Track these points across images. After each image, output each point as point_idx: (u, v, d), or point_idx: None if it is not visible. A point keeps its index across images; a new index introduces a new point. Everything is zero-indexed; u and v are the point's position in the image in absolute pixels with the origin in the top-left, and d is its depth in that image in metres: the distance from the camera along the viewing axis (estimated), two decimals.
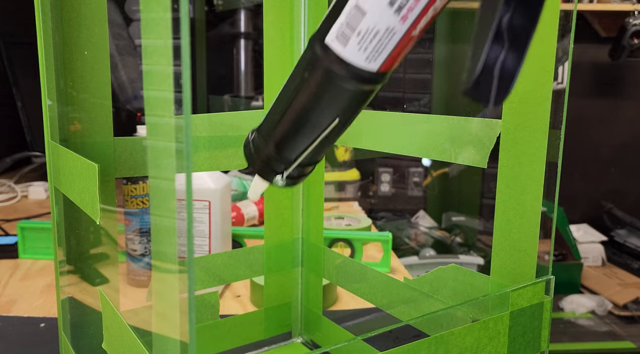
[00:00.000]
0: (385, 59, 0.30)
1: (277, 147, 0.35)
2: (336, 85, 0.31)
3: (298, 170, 0.35)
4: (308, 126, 0.33)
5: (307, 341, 0.61)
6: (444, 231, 2.00)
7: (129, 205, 0.73)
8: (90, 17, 0.43)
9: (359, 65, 0.30)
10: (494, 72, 0.23)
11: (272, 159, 0.35)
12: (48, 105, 0.42)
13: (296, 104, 0.33)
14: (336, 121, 0.33)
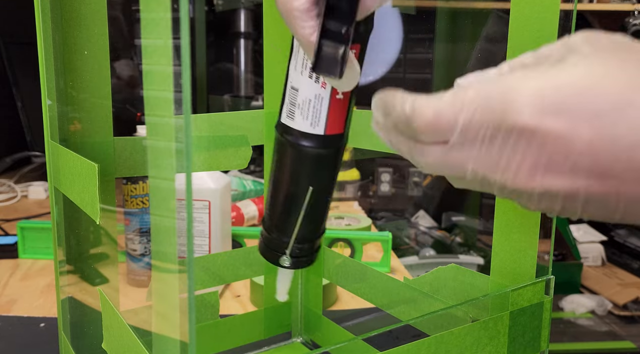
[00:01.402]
0: (326, 122, 0.35)
1: (273, 229, 0.39)
2: (296, 154, 0.36)
3: (299, 248, 0.38)
4: (289, 202, 0.37)
5: (307, 341, 0.61)
6: (444, 231, 2.00)
7: (128, 205, 0.73)
8: (90, 16, 0.43)
9: (307, 131, 0.35)
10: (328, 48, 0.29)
11: (272, 241, 0.39)
12: (48, 105, 0.42)
13: (275, 184, 0.38)
14: (310, 190, 0.36)
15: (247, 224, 1.05)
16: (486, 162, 0.26)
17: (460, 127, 0.25)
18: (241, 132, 0.53)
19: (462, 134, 0.26)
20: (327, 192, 0.38)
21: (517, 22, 0.38)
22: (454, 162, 0.27)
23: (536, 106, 0.24)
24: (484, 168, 0.26)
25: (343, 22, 0.30)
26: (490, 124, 0.25)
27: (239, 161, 0.53)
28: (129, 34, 1.36)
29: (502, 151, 0.25)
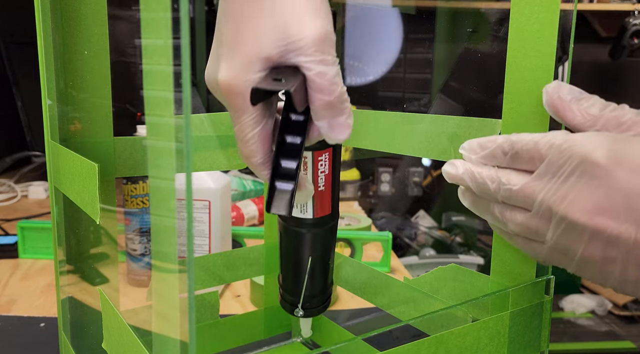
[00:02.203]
0: (313, 208, 0.42)
1: (285, 288, 0.47)
2: (293, 234, 0.44)
3: (308, 302, 0.46)
4: (294, 269, 0.45)
5: (307, 341, 0.61)
6: (444, 230, 2.00)
7: (128, 205, 0.73)
8: (90, 16, 0.43)
9: (298, 216, 0.43)
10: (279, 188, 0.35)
11: (286, 297, 0.47)
12: (48, 105, 0.42)
13: (282, 254, 0.46)
14: (309, 259, 0.44)
15: (247, 224, 1.05)
16: (557, 193, 0.30)
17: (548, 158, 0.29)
18: None
19: (548, 165, 0.30)
20: (326, 258, 0.46)
21: (517, 22, 0.38)
22: (529, 191, 0.31)
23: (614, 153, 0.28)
24: (552, 199, 0.30)
25: (291, 162, 0.35)
26: (575, 161, 0.29)
27: (239, 161, 0.53)
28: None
29: (575, 186, 0.29)
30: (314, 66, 0.32)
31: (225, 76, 0.33)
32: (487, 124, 0.41)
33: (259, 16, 0.33)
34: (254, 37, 0.33)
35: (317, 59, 0.32)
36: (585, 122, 0.32)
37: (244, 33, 0.33)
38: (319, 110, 0.34)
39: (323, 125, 0.35)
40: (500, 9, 1.67)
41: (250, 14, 0.33)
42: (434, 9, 1.86)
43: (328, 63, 0.33)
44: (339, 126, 0.35)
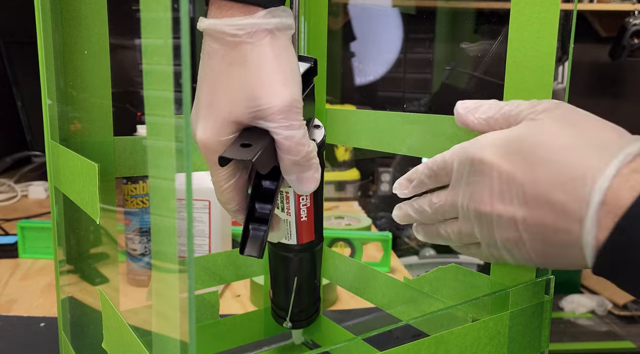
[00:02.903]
0: (297, 235, 0.45)
1: (275, 303, 0.51)
2: (280, 258, 0.47)
3: (296, 316, 0.51)
4: (282, 287, 0.49)
5: (307, 341, 0.61)
6: None
7: (128, 205, 0.73)
8: (91, 16, 0.43)
9: (284, 242, 0.46)
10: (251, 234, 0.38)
11: (276, 310, 0.51)
12: (48, 104, 0.42)
13: (271, 274, 0.50)
14: (295, 279, 0.48)
15: None
16: (466, 194, 0.35)
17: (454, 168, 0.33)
18: None
19: (456, 173, 0.36)
20: (312, 278, 0.50)
21: (517, 22, 0.38)
22: (451, 201, 0.36)
23: (495, 148, 0.34)
24: (465, 201, 0.35)
25: (265, 206, 0.38)
26: (469, 164, 0.35)
27: None
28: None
29: (476, 184, 0.34)
30: (282, 131, 0.35)
31: (201, 135, 0.36)
32: None
33: (232, 83, 0.35)
34: (226, 103, 0.35)
35: (284, 125, 0.35)
36: (483, 127, 0.37)
37: (218, 98, 0.36)
38: (287, 167, 0.37)
39: (292, 179, 0.37)
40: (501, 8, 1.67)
41: (223, 80, 0.35)
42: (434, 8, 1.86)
43: (294, 128, 0.35)
44: (307, 180, 0.37)
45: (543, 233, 0.32)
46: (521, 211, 0.32)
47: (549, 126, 0.33)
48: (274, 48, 0.35)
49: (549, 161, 0.31)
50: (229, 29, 0.34)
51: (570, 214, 0.30)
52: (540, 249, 0.33)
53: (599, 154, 0.30)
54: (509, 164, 0.33)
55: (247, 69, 0.35)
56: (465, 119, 0.38)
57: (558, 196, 0.30)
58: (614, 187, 0.29)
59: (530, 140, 0.32)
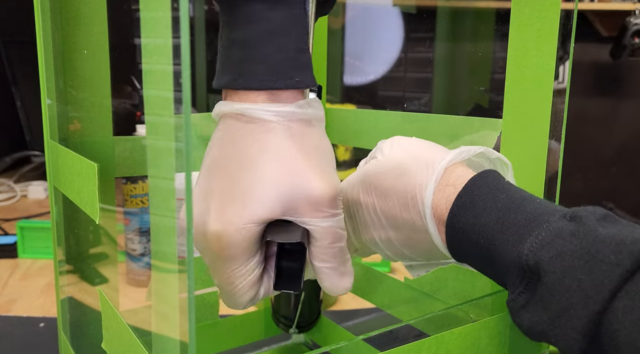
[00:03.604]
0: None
1: (281, 314, 0.54)
2: None
3: (301, 324, 0.53)
4: (289, 300, 0.52)
5: (307, 341, 0.61)
6: None
7: (128, 204, 0.73)
8: (90, 16, 0.43)
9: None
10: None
11: (280, 319, 0.54)
12: (47, 104, 0.42)
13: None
14: (303, 294, 0.51)
15: None
16: (351, 227, 0.40)
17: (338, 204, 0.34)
18: None
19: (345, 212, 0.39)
20: (318, 289, 0.52)
21: (518, 21, 0.38)
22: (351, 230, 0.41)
23: (359, 185, 0.38)
24: (352, 231, 0.40)
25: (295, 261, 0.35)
26: (346, 203, 0.39)
27: None
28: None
29: (358, 218, 0.39)
30: (326, 221, 0.33)
31: (221, 228, 0.32)
32: (488, 124, 0.41)
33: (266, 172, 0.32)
34: (257, 193, 0.31)
35: (329, 214, 0.33)
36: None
37: (243, 187, 0.32)
38: (323, 257, 0.34)
39: (325, 271, 0.34)
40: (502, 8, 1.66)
41: (252, 165, 0.32)
42: (434, 8, 1.86)
43: (339, 215, 0.34)
44: (343, 273, 0.35)
45: (413, 245, 0.37)
46: (392, 233, 0.37)
47: (390, 158, 0.38)
48: (313, 135, 0.33)
49: (392, 187, 0.36)
50: (265, 114, 0.32)
51: (420, 228, 0.35)
52: (419, 254, 0.38)
53: (425, 173, 0.35)
54: (370, 198, 0.38)
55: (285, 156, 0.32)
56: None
57: (407, 216, 0.36)
58: (435, 201, 0.34)
59: (377, 173, 0.37)
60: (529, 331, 0.30)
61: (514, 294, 0.30)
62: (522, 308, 0.30)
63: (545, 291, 0.29)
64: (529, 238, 0.30)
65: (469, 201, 0.33)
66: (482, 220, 0.32)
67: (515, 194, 0.33)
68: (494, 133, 0.40)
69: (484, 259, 0.33)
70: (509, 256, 0.30)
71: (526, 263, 0.29)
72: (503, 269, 0.31)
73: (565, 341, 0.28)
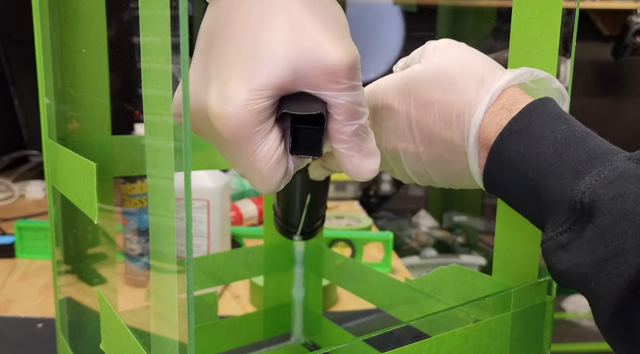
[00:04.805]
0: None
1: (284, 218, 0.52)
2: (294, 177, 0.42)
3: (306, 229, 0.52)
4: (294, 204, 0.51)
5: (307, 342, 0.61)
6: (446, 230, 2.00)
7: (127, 204, 0.73)
8: (88, 15, 0.43)
9: None
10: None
11: (285, 226, 0.52)
12: (46, 103, 0.42)
13: (282, 195, 0.51)
14: (309, 196, 0.50)
15: (246, 224, 1.05)
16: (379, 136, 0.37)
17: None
18: None
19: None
20: (323, 193, 0.51)
21: (519, 20, 0.38)
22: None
23: (396, 91, 0.36)
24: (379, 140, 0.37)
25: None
26: (375, 108, 0.37)
27: None
28: None
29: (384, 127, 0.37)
30: (345, 94, 0.28)
31: (225, 107, 0.27)
32: None
33: (270, 38, 0.27)
34: (262, 62, 0.27)
35: (348, 86, 0.28)
36: None
37: (246, 57, 0.27)
38: (344, 137, 0.30)
39: (348, 152, 0.30)
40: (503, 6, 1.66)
41: (254, 35, 0.27)
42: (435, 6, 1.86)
43: (359, 88, 0.29)
44: (370, 153, 0.31)
45: (442, 165, 0.35)
46: (422, 148, 0.35)
47: (436, 67, 0.35)
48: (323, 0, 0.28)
49: (437, 101, 0.34)
50: None
51: (458, 148, 0.33)
52: (442, 177, 0.37)
53: (477, 90, 0.33)
54: (406, 107, 0.35)
55: (293, 17, 0.27)
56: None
57: (447, 133, 0.34)
58: (484, 124, 0.32)
59: (420, 82, 0.35)
60: (564, 273, 0.28)
61: (554, 232, 0.29)
62: (560, 248, 0.28)
63: (596, 233, 0.27)
64: (588, 175, 0.28)
65: (524, 127, 0.31)
66: (536, 149, 0.30)
67: (577, 127, 0.31)
68: None
69: (526, 193, 0.31)
70: (561, 191, 0.28)
71: (580, 201, 0.27)
72: (548, 205, 0.29)
73: (607, 288, 0.26)
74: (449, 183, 0.37)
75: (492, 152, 0.32)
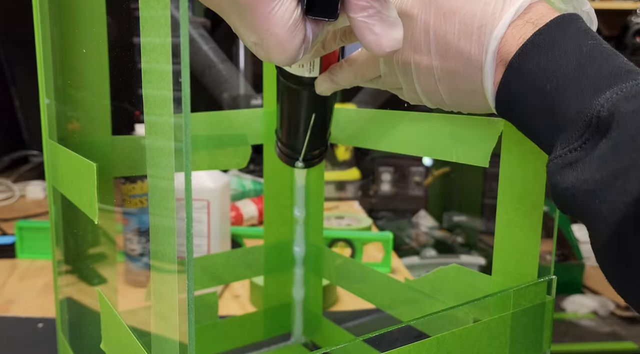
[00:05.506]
0: (320, 67, 0.42)
1: (287, 143, 0.48)
2: (299, 94, 0.44)
3: (309, 155, 0.48)
4: (298, 126, 0.47)
5: (307, 342, 0.61)
6: (445, 230, 2.00)
7: (127, 204, 0.73)
8: (89, 15, 0.43)
9: (305, 75, 0.43)
10: None
11: (287, 151, 0.49)
12: (46, 103, 0.42)
13: (285, 114, 0.47)
14: (314, 115, 0.46)
15: (246, 224, 1.05)
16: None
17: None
18: (240, 131, 0.53)
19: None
20: (328, 115, 0.47)
21: None
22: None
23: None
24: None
25: None
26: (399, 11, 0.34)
27: (238, 160, 0.53)
28: None
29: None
30: None
31: None
32: (490, 123, 0.41)
33: None
34: None
35: None
36: None
37: None
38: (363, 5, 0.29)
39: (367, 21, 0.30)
40: None
41: None
42: None
43: None
44: (391, 24, 0.30)
45: (455, 81, 0.34)
46: (437, 61, 0.34)
47: None
48: None
49: (459, 10, 0.32)
50: None
51: (474, 62, 0.32)
52: (452, 95, 0.35)
53: (503, 2, 0.31)
54: (426, 15, 0.33)
55: None
56: None
57: (465, 46, 0.32)
58: (506, 37, 0.30)
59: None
60: (567, 191, 0.27)
61: (564, 150, 0.28)
62: (568, 166, 0.27)
63: (609, 147, 0.25)
64: (609, 90, 0.26)
65: (548, 40, 0.29)
66: (558, 63, 0.28)
67: (605, 44, 0.29)
68: (495, 132, 0.40)
69: (540, 110, 0.29)
70: (578, 107, 0.27)
71: (598, 115, 0.26)
72: (562, 123, 0.28)
73: (612, 204, 0.25)
74: (458, 103, 0.35)
75: (510, 66, 0.30)
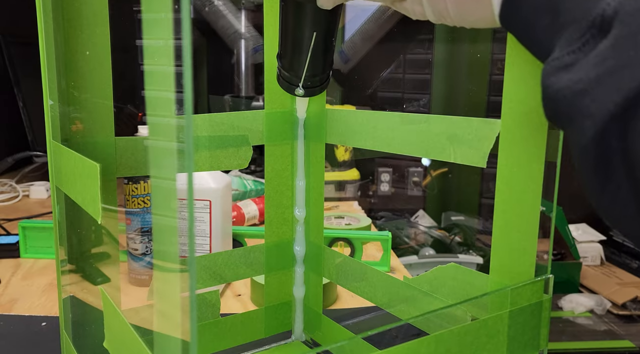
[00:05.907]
0: None
1: (287, 68, 0.47)
2: (300, 10, 0.42)
3: (310, 80, 0.47)
4: (299, 46, 0.45)
5: (308, 340, 0.62)
6: (444, 230, 2.00)
7: (130, 204, 0.73)
8: (92, 16, 0.43)
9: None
10: None
11: (288, 76, 0.47)
12: (50, 105, 0.42)
13: (286, 34, 0.45)
14: (314, 34, 0.44)
15: (247, 224, 1.05)
16: None
17: None
18: (242, 132, 0.53)
19: None
20: (330, 36, 0.46)
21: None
22: None
23: None
24: None
25: None
26: None
27: (240, 161, 0.53)
28: None
29: None
30: None
31: None
32: (487, 124, 0.41)
33: None
34: None
35: None
36: None
37: None
38: None
39: None
40: None
41: None
42: None
43: None
44: None
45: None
46: None
47: None
48: None
49: None
50: None
51: None
52: (457, 6, 0.35)
53: None
54: None
55: None
56: None
57: None
58: None
59: None
60: (559, 93, 0.27)
61: (562, 52, 0.27)
62: (563, 68, 0.27)
63: (608, 44, 0.25)
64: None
65: None
66: None
67: None
68: (492, 133, 0.40)
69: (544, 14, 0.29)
70: (583, 5, 0.27)
71: (602, 14, 0.26)
72: (565, 24, 0.28)
73: (601, 102, 0.24)
74: (462, 11, 0.35)
75: None
